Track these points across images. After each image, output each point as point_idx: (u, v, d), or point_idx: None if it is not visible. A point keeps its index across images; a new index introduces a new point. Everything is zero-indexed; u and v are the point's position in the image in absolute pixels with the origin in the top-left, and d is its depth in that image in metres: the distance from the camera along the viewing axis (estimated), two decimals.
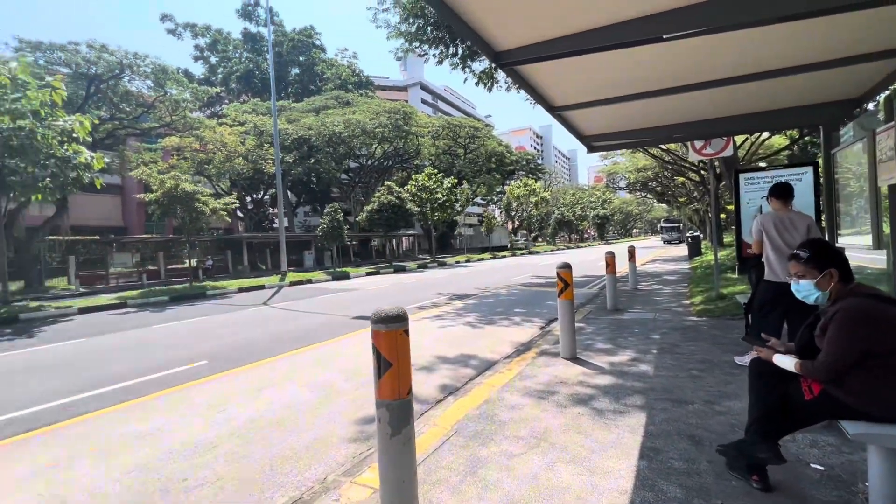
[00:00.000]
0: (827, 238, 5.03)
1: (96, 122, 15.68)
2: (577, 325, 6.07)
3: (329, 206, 26.73)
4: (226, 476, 2.71)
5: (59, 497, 2.57)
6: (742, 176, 6.07)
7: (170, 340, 7.06)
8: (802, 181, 5.47)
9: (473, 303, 9.88)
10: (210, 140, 24.79)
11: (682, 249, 29.24)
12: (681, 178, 26.26)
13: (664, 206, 53.15)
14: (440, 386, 4.22)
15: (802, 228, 3.62)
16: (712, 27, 2.78)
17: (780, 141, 19.24)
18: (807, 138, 16.04)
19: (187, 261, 21.19)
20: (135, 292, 14.60)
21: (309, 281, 17.66)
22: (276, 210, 33.69)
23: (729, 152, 7.60)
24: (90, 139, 12.84)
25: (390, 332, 1.87)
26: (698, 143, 7.69)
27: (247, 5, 44.72)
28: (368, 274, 20.92)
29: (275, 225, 34.78)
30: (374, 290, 13.76)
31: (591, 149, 6.93)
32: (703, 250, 20.02)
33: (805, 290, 2.12)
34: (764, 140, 17.86)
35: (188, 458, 2.97)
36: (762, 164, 16.83)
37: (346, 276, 19.40)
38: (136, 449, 3.15)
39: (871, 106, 6.83)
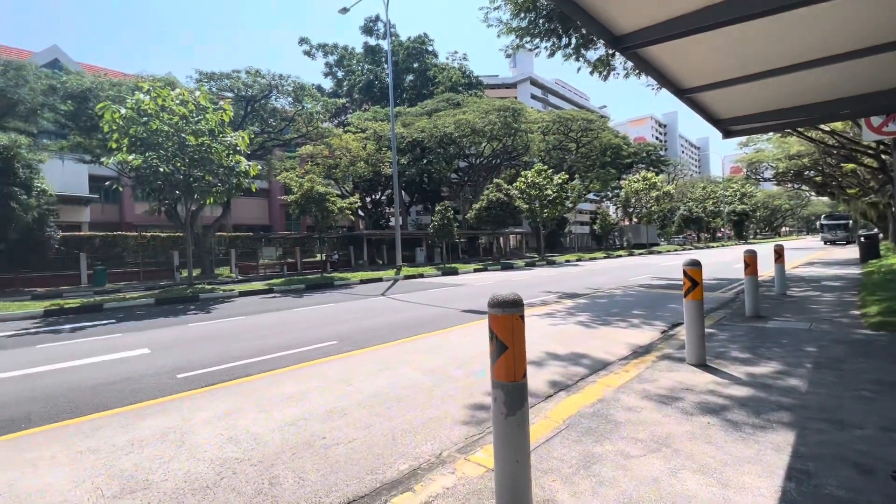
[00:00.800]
0: None
1: (252, 136, 18.63)
2: (707, 330, 5.46)
3: (440, 204, 27.88)
4: (356, 439, 3.07)
5: (233, 438, 3.17)
6: None
7: (307, 322, 8.11)
8: None
9: (585, 302, 9.48)
10: (337, 147, 27.67)
11: (851, 251, 24.17)
12: (850, 165, 21.64)
13: (825, 199, 44.37)
14: (550, 381, 4.18)
15: None
16: None
17: None
18: None
19: (318, 255, 24.00)
20: (278, 280, 17.03)
21: (421, 275, 18.67)
22: (392, 209, 36.24)
23: None
24: (248, 151, 15.32)
25: (507, 315, 1.95)
26: (876, 121, 6.30)
27: (368, 21, 48.64)
28: (476, 270, 21.33)
29: (391, 223, 37.43)
30: (481, 285, 14.01)
31: (728, 134, 6.15)
32: (881, 252, 16.28)
33: None
34: None
35: (325, 420, 3.43)
36: None
37: (454, 272, 20.06)
38: (285, 408, 3.72)
39: None
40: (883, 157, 16.42)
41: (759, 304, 6.80)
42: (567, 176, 32.84)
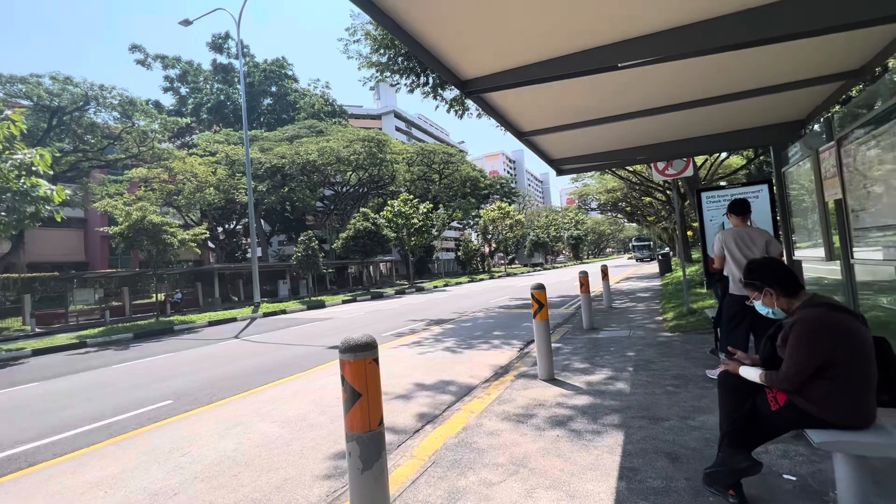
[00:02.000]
0: (784, 251, 5.26)
1: (57, 154, 15.18)
2: (554, 345, 6.08)
3: (304, 234, 26.42)
4: None
5: None
6: (704, 194, 6.35)
7: (132, 380, 6.68)
8: (760, 198, 5.77)
9: (451, 328, 9.81)
10: (179, 170, 24.36)
11: (654, 267, 30.03)
12: (648, 198, 27.24)
13: (635, 225, 54.79)
14: (418, 414, 4.12)
15: (761, 243, 3.77)
16: (663, 56, 2.95)
17: (737, 161, 20.30)
18: (761, 157, 16.99)
19: (154, 295, 20.37)
20: (96, 330, 13.87)
21: (283, 311, 17.21)
22: (249, 240, 33.03)
23: (689, 173, 7.95)
24: (51, 172, 12.40)
25: (358, 361, 1.83)
26: (661, 165, 8.02)
27: (217, 38, 44.87)
28: (345, 302, 20.56)
29: (248, 255, 34.00)
30: (350, 318, 13.50)
31: (560, 172, 7.12)
32: (673, 267, 20.61)
33: (760, 307, 2.21)
34: (723, 160, 18.80)
35: None
36: (722, 183, 17.67)
37: (321, 305, 19.00)
38: (90, 501, 2.91)
39: (816, 127, 7.31)
40: (668, 192, 21.03)
41: (592, 317, 7.88)
42: (432, 205, 34.37)
